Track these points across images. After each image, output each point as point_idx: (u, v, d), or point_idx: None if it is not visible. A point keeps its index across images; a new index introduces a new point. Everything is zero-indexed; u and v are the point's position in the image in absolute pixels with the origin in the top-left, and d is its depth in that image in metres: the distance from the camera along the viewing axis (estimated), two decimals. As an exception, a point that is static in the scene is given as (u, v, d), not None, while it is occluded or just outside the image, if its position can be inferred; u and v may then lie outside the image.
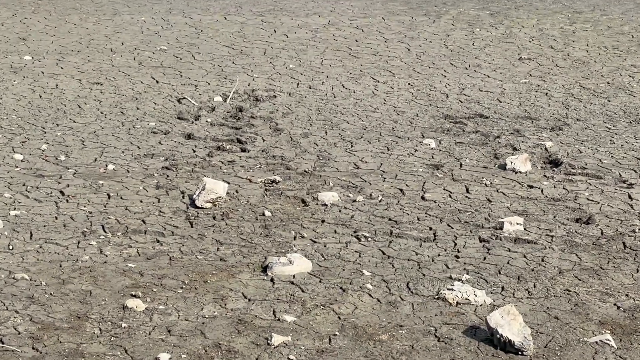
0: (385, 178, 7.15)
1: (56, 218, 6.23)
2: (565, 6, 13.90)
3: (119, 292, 5.21)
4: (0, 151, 7.53)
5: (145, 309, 5.01)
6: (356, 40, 11.76)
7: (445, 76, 10.18)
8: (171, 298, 5.16)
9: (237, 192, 6.79)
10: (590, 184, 7.07)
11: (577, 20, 12.95)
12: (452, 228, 6.21)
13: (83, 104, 8.92)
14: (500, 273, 5.55)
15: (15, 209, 6.35)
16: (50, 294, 5.15)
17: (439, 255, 5.80)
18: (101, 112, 8.69)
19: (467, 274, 5.52)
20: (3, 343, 4.60)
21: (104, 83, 9.67)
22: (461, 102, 9.24)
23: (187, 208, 6.47)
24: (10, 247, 5.74)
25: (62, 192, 6.68)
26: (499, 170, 7.35)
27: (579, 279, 5.50)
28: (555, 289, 5.36)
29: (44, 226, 6.08)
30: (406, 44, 11.63)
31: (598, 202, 6.71)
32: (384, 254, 5.82)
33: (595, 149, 7.88)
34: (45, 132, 8.06)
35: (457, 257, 5.77)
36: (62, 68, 10.22)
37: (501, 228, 6.16)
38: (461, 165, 7.47)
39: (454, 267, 5.62)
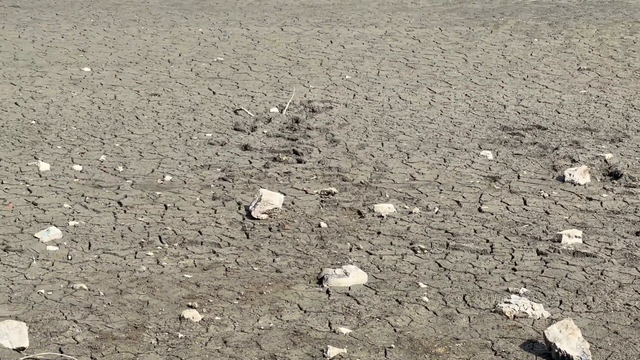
0: (441, 190, 7.11)
1: (114, 229, 6.29)
2: (626, 16, 13.70)
3: (175, 302, 5.24)
4: (59, 162, 7.63)
5: (202, 319, 5.03)
6: (413, 51, 11.73)
7: (502, 87, 10.09)
8: (227, 309, 5.18)
9: (293, 203, 6.80)
10: (652, 197, 6.95)
11: (638, 30, 12.76)
12: (510, 240, 6.14)
13: (141, 115, 9.02)
14: (558, 286, 5.48)
15: (74, 219, 6.43)
16: (108, 304, 5.20)
17: (495, 267, 5.74)
18: (158, 123, 8.77)
19: (525, 287, 5.45)
20: (62, 352, 4.65)
21: (162, 94, 9.77)
22: (519, 113, 9.15)
23: (243, 219, 6.49)
24: (69, 257, 5.81)
25: (120, 203, 6.75)
26: (557, 182, 7.26)
27: (640, 294, 5.40)
28: (615, 303, 5.27)
29: (102, 236, 6.15)
30: (463, 54, 11.56)
31: (659, 215, 6.59)
32: (440, 266, 5.77)
33: (657, 160, 7.75)
34: (103, 143, 8.16)
35: (514, 270, 5.70)
36: (120, 79, 10.35)
37: (559, 241, 6.08)
38: (519, 177, 7.39)
39: (511, 280, 5.56)
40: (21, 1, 15.29)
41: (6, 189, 6.98)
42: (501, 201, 6.86)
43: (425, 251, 5.98)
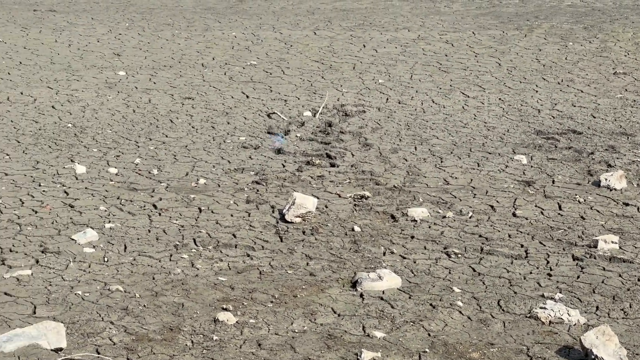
0: (475, 194, 7.08)
1: (149, 231, 6.34)
2: (661, 19, 13.59)
3: (210, 305, 5.27)
4: (95, 165, 7.70)
5: (236, 322, 5.06)
6: (446, 55, 11.70)
7: (537, 91, 10.05)
8: (261, 312, 5.20)
9: (326, 207, 6.81)
10: (688, 202, 6.89)
11: (674, 34, 12.65)
12: (545, 246, 6.11)
13: (175, 119, 9.08)
14: (594, 292, 5.44)
15: (110, 221, 6.48)
16: (144, 305, 5.24)
17: (530, 273, 5.71)
18: (192, 127, 8.82)
19: (560, 292, 5.43)
20: (99, 354, 4.69)
21: (196, 98, 9.82)
22: (553, 117, 9.10)
23: (277, 222, 6.51)
24: (106, 260, 5.86)
25: (154, 206, 6.80)
26: (592, 187, 7.21)
27: (677, 300, 5.35)
28: (652, 309, 5.23)
29: (138, 239, 6.19)
30: (497, 58, 11.52)
31: (697, 221, 6.53)
32: (474, 270, 5.76)
33: (694, 165, 7.68)
34: (138, 146, 8.22)
35: (549, 275, 5.67)
36: (154, 83, 10.42)
37: (595, 246, 6.04)
38: (553, 181, 7.35)
39: (547, 285, 5.53)
40: (58, 6, 15.44)
41: (44, 191, 7.05)
42: (536, 206, 6.82)
43: (459, 255, 5.97)
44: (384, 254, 6.02)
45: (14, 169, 7.57)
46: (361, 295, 5.40)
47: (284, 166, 7.75)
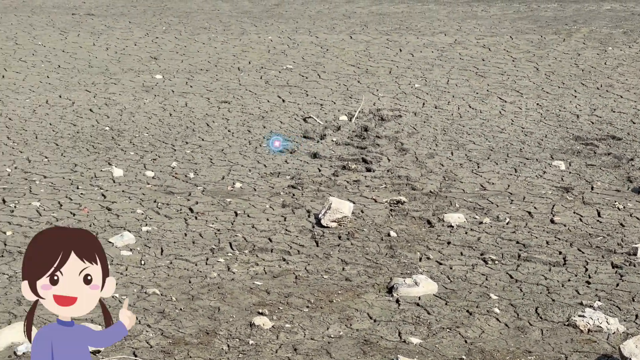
0: (512, 200, 7.03)
1: (185, 235, 6.35)
2: (702, 24, 13.43)
3: (246, 309, 5.27)
4: (132, 168, 7.74)
5: (272, 326, 5.05)
6: (483, 60, 11.64)
7: (575, 96, 9.96)
8: (297, 317, 5.19)
9: (362, 212, 6.79)
10: None
11: None
12: (583, 253, 6.05)
13: (211, 122, 9.11)
14: (634, 300, 5.37)
15: (146, 224, 6.51)
16: (180, 309, 5.26)
17: (569, 280, 5.66)
18: (229, 131, 8.84)
19: (599, 300, 5.37)
20: (137, 356, 4.71)
21: (232, 101, 9.85)
22: (592, 123, 9.02)
23: (313, 227, 6.50)
24: (142, 263, 5.88)
25: (191, 209, 6.82)
26: (632, 194, 7.13)
27: None
28: (693, 318, 5.15)
29: (174, 242, 6.22)
30: (535, 63, 11.44)
31: None
32: (511, 277, 5.71)
33: None
34: (175, 150, 8.25)
35: (588, 282, 5.61)
36: (191, 87, 10.46)
37: (635, 254, 5.97)
38: (592, 188, 7.28)
39: (585, 293, 5.47)
40: (96, 9, 15.57)
41: (82, 194, 7.10)
42: (574, 212, 6.76)
43: (496, 262, 5.92)
44: (420, 259, 5.99)
45: (52, 171, 7.63)
46: (397, 301, 5.38)
47: (319, 170, 7.74)
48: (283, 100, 9.90)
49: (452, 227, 6.50)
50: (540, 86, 10.37)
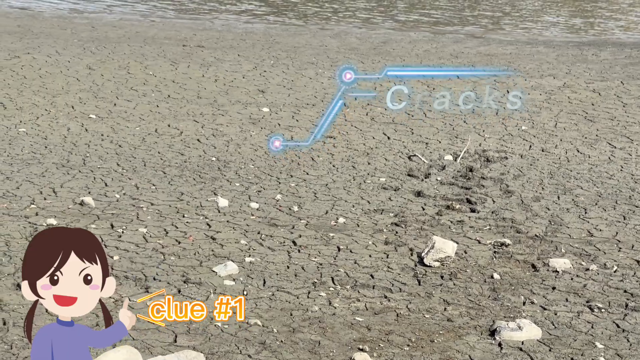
0: (620, 248, 6.87)
1: (288, 267, 6.39)
2: None
3: (346, 344, 5.26)
4: (237, 199, 7.84)
5: (372, 364, 5.04)
6: (592, 104, 11.45)
7: (687, 144, 9.71)
8: (397, 355, 5.15)
9: (465, 252, 6.73)
10: None
11: None
12: (695, 305, 5.86)
13: (316, 157, 9.17)
14: None
15: (250, 255, 6.57)
16: (281, 341, 5.28)
17: (679, 333, 5.49)
18: (333, 166, 8.89)
19: None
20: (235, 386, 4.75)
21: (337, 137, 9.91)
22: None
23: (415, 265, 6.47)
24: (245, 293, 5.94)
25: (294, 242, 6.86)
26: None
27: None
28: None
29: (277, 274, 6.26)
30: (645, 109, 11.21)
31: None
32: (618, 327, 5.57)
33: None
34: (279, 183, 8.33)
35: (699, 337, 5.43)
36: (297, 121, 10.57)
37: None
38: None
39: (696, 347, 5.30)
40: (206, 42, 15.90)
41: (187, 222, 7.22)
42: (685, 263, 6.56)
43: (603, 310, 5.78)
44: (524, 303, 5.89)
45: (159, 199, 7.79)
46: (499, 345, 5.30)
47: (423, 209, 7.71)
48: (388, 138, 9.91)
49: (558, 272, 6.38)
50: (651, 132, 10.15)
